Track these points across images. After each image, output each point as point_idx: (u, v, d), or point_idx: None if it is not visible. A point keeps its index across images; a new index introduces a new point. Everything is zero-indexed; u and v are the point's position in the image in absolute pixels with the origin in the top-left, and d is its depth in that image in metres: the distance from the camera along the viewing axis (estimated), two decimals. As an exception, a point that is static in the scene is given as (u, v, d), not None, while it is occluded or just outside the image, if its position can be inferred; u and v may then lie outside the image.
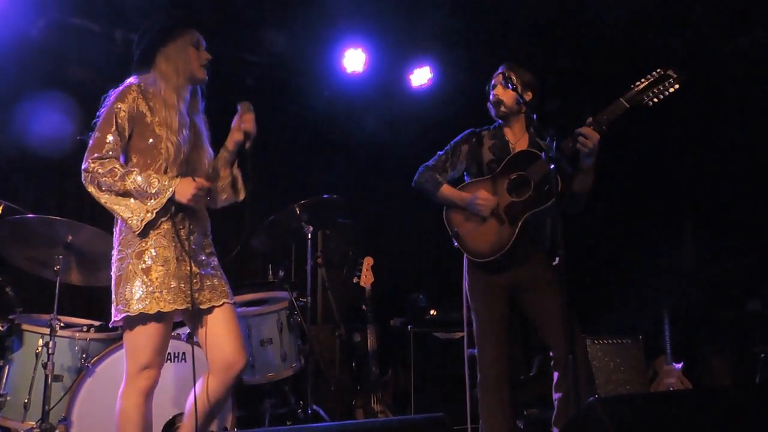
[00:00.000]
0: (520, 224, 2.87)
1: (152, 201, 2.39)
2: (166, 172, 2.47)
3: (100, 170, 2.36)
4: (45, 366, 3.07)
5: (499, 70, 3.07)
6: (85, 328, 3.39)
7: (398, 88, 5.43)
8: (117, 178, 2.36)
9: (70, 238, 3.20)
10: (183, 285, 2.45)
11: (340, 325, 4.57)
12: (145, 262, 2.40)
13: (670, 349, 4.59)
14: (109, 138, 2.40)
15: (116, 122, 2.42)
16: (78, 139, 2.58)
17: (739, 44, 4.55)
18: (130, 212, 2.39)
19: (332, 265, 4.97)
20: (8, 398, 3.24)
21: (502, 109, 3.05)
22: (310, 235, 3.85)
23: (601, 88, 2.81)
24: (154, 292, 2.37)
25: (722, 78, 4.81)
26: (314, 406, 3.82)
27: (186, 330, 3.37)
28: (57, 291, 3.18)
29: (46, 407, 3.04)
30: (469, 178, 3.12)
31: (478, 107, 3.21)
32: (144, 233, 2.41)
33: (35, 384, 3.19)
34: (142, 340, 2.41)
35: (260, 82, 5.19)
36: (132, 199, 2.40)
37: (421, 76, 5.36)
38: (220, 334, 2.52)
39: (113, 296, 2.43)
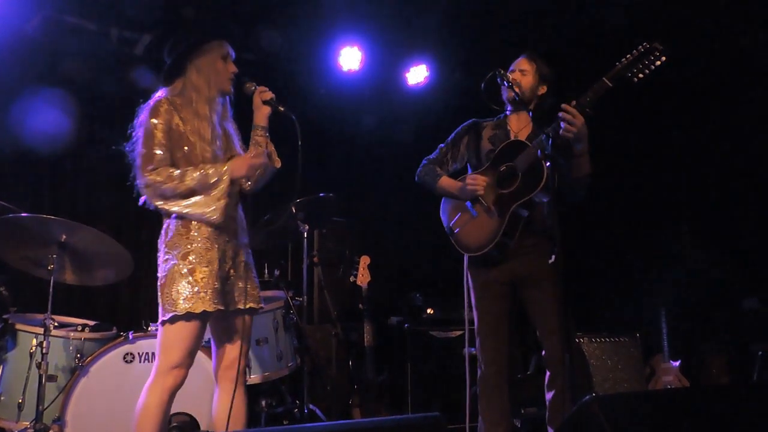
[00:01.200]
0: (507, 216, 2.85)
1: (215, 190, 2.48)
2: None
3: (158, 179, 2.45)
4: (39, 366, 3.06)
5: (520, 58, 3.06)
6: (79, 328, 3.39)
7: (394, 86, 5.42)
8: (177, 180, 2.45)
9: (65, 237, 3.18)
10: (225, 286, 2.54)
11: (337, 325, 4.55)
12: (190, 263, 2.47)
13: (668, 347, 4.58)
14: (157, 150, 2.50)
15: (157, 136, 2.50)
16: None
17: (739, 44, 4.54)
18: (203, 208, 2.47)
19: (328, 264, 4.95)
20: (2, 398, 3.24)
21: (514, 92, 2.90)
22: (306, 234, 3.84)
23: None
24: (200, 292, 2.45)
25: (721, 77, 4.80)
26: (311, 406, 3.81)
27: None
28: (51, 290, 3.16)
29: (40, 407, 3.02)
30: (471, 170, 3.10)
31: (475, 105, 3.19)
32: (191, 234, 2.49)
33: (29, 384, 3.18)
34: (179, 338, 2.46)
35: (255, 81, 5.15)
36: (198, 197, 2.48)
37: (417, 74, 5.34)
38: (237, 335, 2.62)
39: (159, 297, 2.50)
